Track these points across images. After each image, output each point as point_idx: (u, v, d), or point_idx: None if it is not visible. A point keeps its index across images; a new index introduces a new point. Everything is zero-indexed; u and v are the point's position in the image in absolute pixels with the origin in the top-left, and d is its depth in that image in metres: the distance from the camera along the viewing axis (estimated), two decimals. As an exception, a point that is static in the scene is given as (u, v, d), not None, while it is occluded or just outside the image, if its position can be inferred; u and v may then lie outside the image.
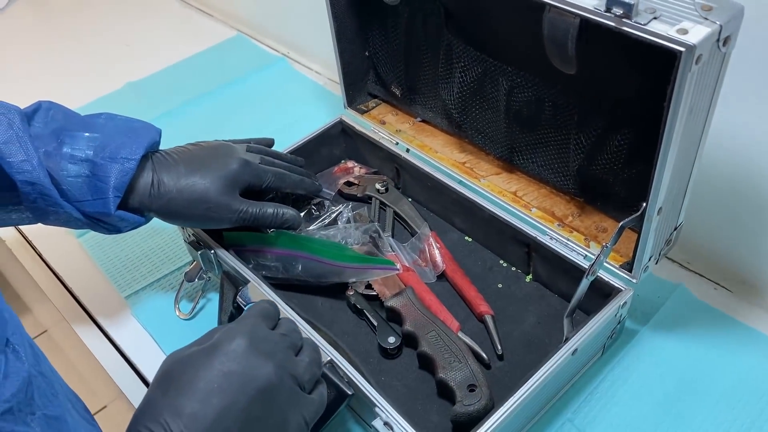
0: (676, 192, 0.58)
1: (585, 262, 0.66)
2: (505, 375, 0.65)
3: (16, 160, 0.56)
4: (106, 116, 0.65)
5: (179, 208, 0.64)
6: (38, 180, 0.57)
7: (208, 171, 0.65)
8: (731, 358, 0.67)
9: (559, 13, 0.53)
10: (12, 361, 0.40)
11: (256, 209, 0.67)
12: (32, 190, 0.58)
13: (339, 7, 0.80)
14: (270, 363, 0.50)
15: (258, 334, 0.53)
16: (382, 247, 0.73)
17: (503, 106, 0.71)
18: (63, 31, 1.34)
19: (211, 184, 0.64)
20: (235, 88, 1.11)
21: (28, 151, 0.57)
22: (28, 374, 0.41)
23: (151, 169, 0.64)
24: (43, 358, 0.45)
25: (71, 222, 0.62)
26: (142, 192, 0.63)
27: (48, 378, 0.45)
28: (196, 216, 0.65)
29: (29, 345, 0.43)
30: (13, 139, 0.57)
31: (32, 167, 0.57)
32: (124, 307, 0.78)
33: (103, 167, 0.60)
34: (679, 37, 0.46)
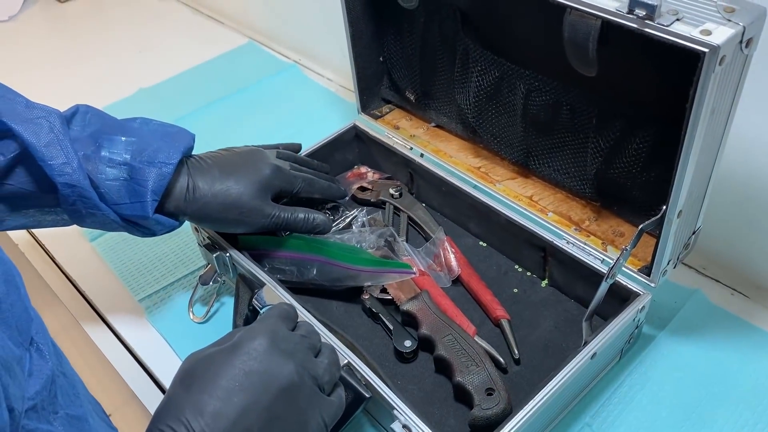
0: (696, 195, 0.58)
1: (602, 266, 0.66)
2: (523, 379, 0.65)
3: (57, 163, 0.57)
4: (141, 120, 0.66)
5: (213, 212, 0.65)
6: (78, 183, 0.58)
7: (242, 176, 0.66)
8: (749, 363, 0.66)
9: (580, 15, 0.53)
10: (36, 359, 0.40)
11: (287, 214, 0.68)
12: (72, 193, 0.58)
13: (354, 11, 0.80)
14: (291, 363, 0.50)
15: (279, 334, 0.52)
16: (397, 251, 0.73)
17: (520, 110, 0.71)
18: (75, 37, 1.35)
19: (244, 189, 0.65)
20: (247, 95, 1.12)
21: (68, 154, 0.58)
22: (52, 373, 0.41)
23: (186, 174, 0.64)
24: (64, 359, 0.46)
25: (107, 224, 0.63)
26: (178, 196, 0.64)
27: (70, 378, 0.45)
28: (229, 220, 0.66)
29: (52, 345, 0.43)
30: (54, 142, 0.57)
31: (73, 170, 0.58)
32: (138, 310, 0.78)
33: (141, 171, 0.61)
34: (703, 38, 0.46)
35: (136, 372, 0.74)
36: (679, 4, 0.50)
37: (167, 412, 0.47)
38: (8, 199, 0.60)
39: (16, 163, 0.58)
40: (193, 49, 1.25)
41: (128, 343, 0.76)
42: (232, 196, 0.65)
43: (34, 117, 0.58)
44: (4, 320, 0.36)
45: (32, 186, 0.59)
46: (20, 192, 0.59)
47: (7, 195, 0.59)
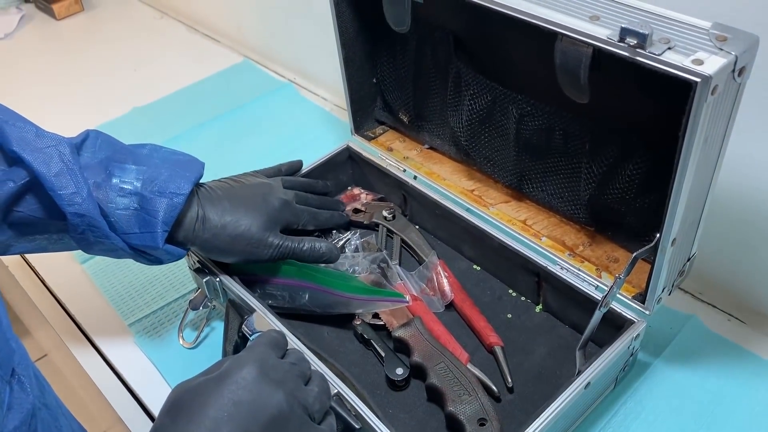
0: (690, 222, 0.57)
1: (596, 292, 0.65)
2: (516, 408, 0.64)
3: (66, 192, 0.57)
4: (151, 147, 0.66)
5: (222, 244, 0.65)
6: (88, 212, 0.58)
7: (251, 209, 0.67)
8: (746, 391, 0.65)
9: (571, 43, 0.53)
10: (17, 392, 0.39)
11: (294, 244, 0.68)
12: (81, 222, 0.58)
13: (347, 34, 0.80)
14: (281, 391, 0.49)
15: (268, 362, 0.52)
16: (390, 277, 0.72)
17: (513, 134, 0.71)
18: (71, 55, 1.35)
19: (253, 221, 0.66)
20: (242, 114, 1.11)
21: (78, 183, 0.57)
22: (33, 406, 0.40)
23: (197, 204, 0.64)
24: (48, 390, 0.45)
25: (115, 252, 0.62)
26: (188, 227, 0.64)
27: (52, 410, 0.44)
28: (237, 251, 0.66)
29: (34, 376, 0.43)
30: (64, 171, 0.57)
31: (82, 199, 0.57)
32: (126, 334, 0.77)
33: (152, 201, 0.61)
34: (695, 67, 0.46)
35: (124, 397, 0.73)
36: (670, 32, 0.49)
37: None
38: (17, 226, 0.60)
39: (26, 191, 0.58)
40: (189, 67, 1.25)
41: (116, 367, 0.75)
42: (241, 227, 0.65)
43: (44, 146, 0.57)
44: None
45: (41, 213, 0.59)
46: (29, 219, 0.59)
47: (16, 222, 0.59)
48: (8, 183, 0.56)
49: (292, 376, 0.53)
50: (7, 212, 0.58)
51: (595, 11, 0.53)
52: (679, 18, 0.50)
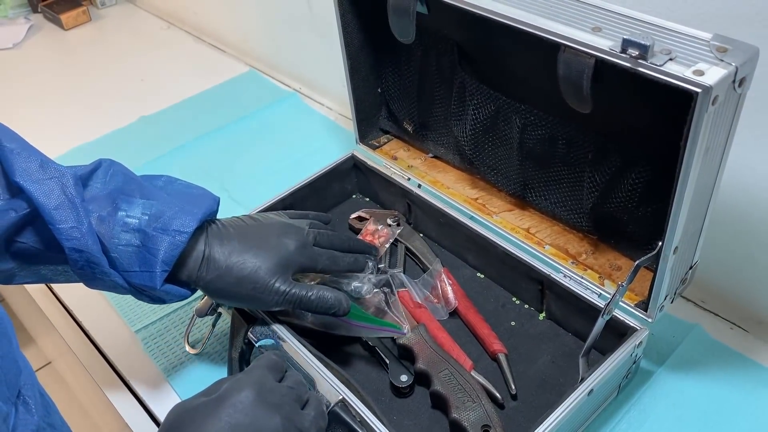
0: (692, 231, 0.58)
1: (599, 300, 0.66)
2: (520, 415, 0.64)
3: (65, 227, 0.55)
4: (166, 179, 0.65)
5: (226, 286, 0.62)
6: (87, 248, 0.56)
7: (262, 250, 0.62)
8: (749, 399, 0.66)
9: (574, 54, 0.53)
10: (22, 413, 0.39)
11: (302, 292, 0.63)
12: (80, 257, 0.56)
13: (353, 45, 0.81)
14: (277, 416, 0.50)
15: (265, 386, 0.52)
16: (392, 304, 0.72)
17: (516, 144, 0.71)
18: (79, 65, 1.36)
19: (261, 264, 0.62)
20: (248, 123, 1.12)
21: (78, 217, 0.56)
22: (37, 427, 0.40)
23: (203, 242, 0.62)
24: (53, 409, 0.45)
25: (116, 289, 0.60)
26: (192, 267, 0.61)
27: (57, 430, 0.44)
28: (241, 295, 0.62)
29: (40, 395, 0.43)
30: (65, 204, 0.55)
31: (81, 234, 0.55)
32: (134, 341, 0.77)
33: (154, 239, 0.58)
34: (696, 78, 0.47)
35: (131, 403, 0.73)
36: (672, 43, 0.50)
37: None
38: (20, 256, 0.59)
39: (27, 222, 0.57)
40: (195, 77, 1.26)
41: (123, 374, 0.75)
42: (247, 269, 0.61)
43: (47, 177, 0.56)
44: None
45: (42, 245, 0.58)
46: (31, 250, 0.58)
47: (19, 252, 0.58)
48: (10, 213, 0.55)
49: (289, 399, 0.53)
50: (9, 242, 0.57)
51: (598, 23, 0.53)
52: (680, 29, 0.51)
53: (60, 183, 0.56)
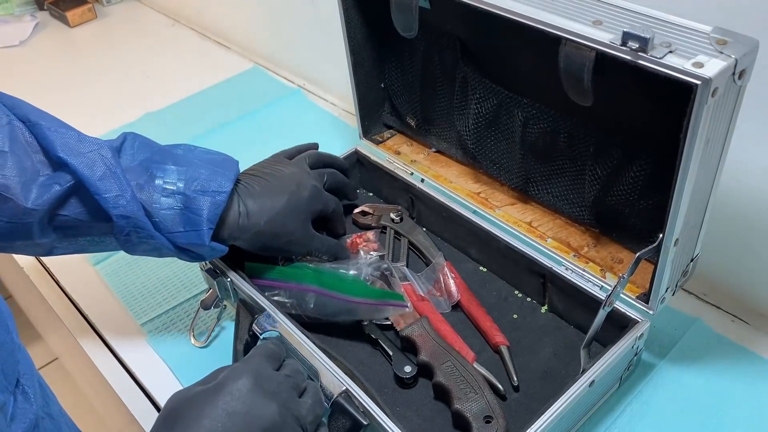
0: (693, 223, 0.58)
1: (601, 293, 0.66)
2: (521, 406, 0.65)
3: (111, 195, 0.58)
4: (185, 147, 0.67)
5: (266, 240, 0.68)
6: (133, 213, 0.59)
7: (289, 204, 0.69)
8: (751, 392, 0.66)
9: (575, 47, 0.54)
10: (21, 402, 0.40)
11: (324, 242, 0.73)
12: (127, 224, 0.59)
13: (356, 40, 0.81)
14: (274, 403, 0.51)
15: (263, 374, 0.53)
16: (393, 284, 0.73)
17: (518, 138, 0.72)
18: (84, 62, 1.37)
19: (293, 216, 0.69)
20: (252, 119, 1.13)
21: (122, 186, 0.59)
22: (36, 417, 0.40)
23: (237, 201, 0.66)
24: (52, 399, 0.45)
25: (159, 251, 0.64)
26: (232, 223, 0.65)
27: (56, 420, 0.44)
28: (275, 248, 0.70)
29: (39, 385, 0.43)
30: (108, 174, 0.58)
31: (127, 201, 0.59)
32: (139, 334, 0.78)
33: (196, 200, 0.62)
34: (695, 70, 0.47)
35: (137, 396, 0.74)
36: (672, 36, 0.51)
37: None
38: (61, 229, 0.61)
39: (71, 194, 0.59)
40: (200, 73, 1.27)
41: (129, 366, 0.76)
42: (281, 224, 0.68)
43: (87, 150, 0.59)
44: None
45: (86, 216, 0.60)
46: (74, 222, 0.60)
47: (60, 225, 0.60)
48: (54, 186, 0.57)
49: (287, 387, 0.54)
50: (52, 216, 0.59)
51: (598, 16, 0.54)
52: (680, 22, 0.51)
53: (100, 155, 0.59)
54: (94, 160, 0.58)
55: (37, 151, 0.59)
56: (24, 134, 0.58)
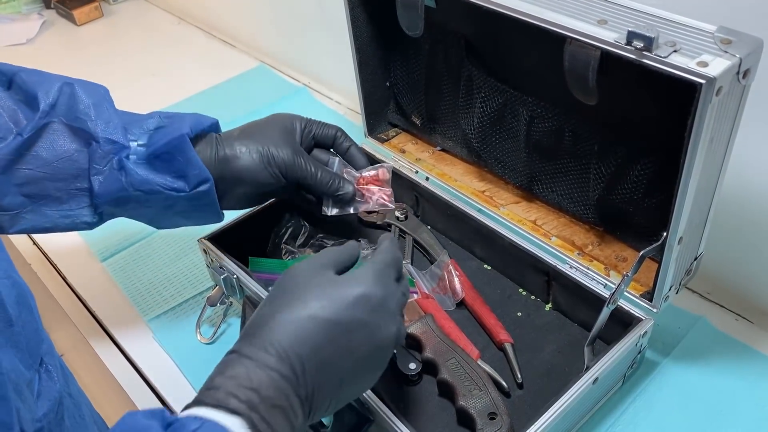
0: (697, 221, 0.59)
1: (605, 291, 0.66)
2: (525, 403, 0.65)
3: (100, 121, 0.61)
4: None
5: (249, 163, 0.66)
6: (119, 140, 0.61)
7: (272, 131, 0.69)
8: (754, 390, 0.66)
9: (580, 46, 0.54)
10: (45, 380, 0.41)
11: (317, 166, 0.69)
12: (112, 149, 0.60)
13: (361, 38, 0.82)
14: (394, 326, 0.50)
15: (389, 288, 0.51)
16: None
17: (523, 136, 0.72)
18: (90, 60, 1.38)
19: (279, 138, 0.68)
20: (258, 117, 1.13)
21: (110, 114, 0.62)
22: (60, 395, 0.41)
23: (216, 140, 0.67)
24: (71, 379, 0.46)
25: (137, 185, 0.62)
26: (208, 141, 0.66)
27: (76, 399, 0.45)
28: (262, 173, 0.66)
29: (60, 366, 0.44)
30: (95, 104, 0.63)
31: (114, 128, 0.61)
32: (146, 330, 0.79)
33: (176, 119, 0.65)
34: (700, 69, 0.47)
35: (144, 391, 0.75)
36: (676, 35, 0.51)
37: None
38: (27, 189, 0.60)
39: (35, 142, 0.59)
40: (206, 72, 1.28)
41: (136, 362, 0.77)
42: (266, 141, 0.67)
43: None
44: (16, 343, 0.37)
45: (51, 168, 0.59)
46: (40, 176, 0.60)
47: (25, 181, 0.59)
48: (17, 137, 0.58)
49: (400, 307, 0.52)
50: (15, 172, 0.58)
51: (603, 15, 0.54)
52: (684, 21, 0.52)
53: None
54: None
55: (13, 109, 0.60)
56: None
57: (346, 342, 0.46)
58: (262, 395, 0.42)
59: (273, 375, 0.43)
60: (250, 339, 0.45)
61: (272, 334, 0.45)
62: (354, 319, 0.47)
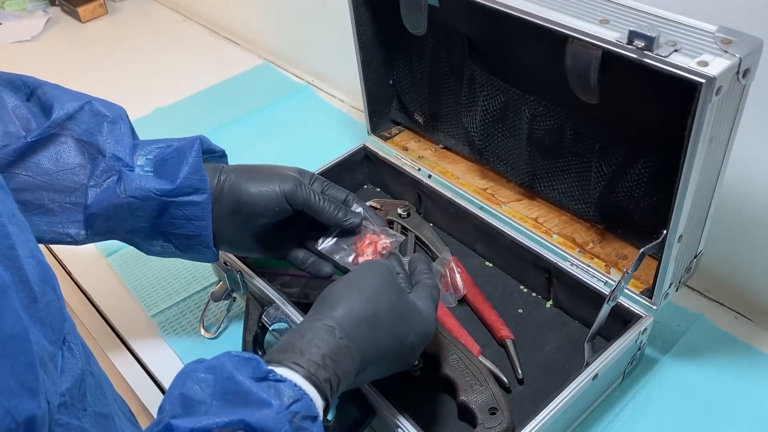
0: (697, 220, 0.59)
1: (605, 288, 0.67)
2: (526, 399, 0.66)
3: (111, 138, 0.62)
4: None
5: (250, 176, 0.64)
6: (125, 157, 0.61)
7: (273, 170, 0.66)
8: (753, 387, 0.67)
9: (581, 45, 0.55)
10: (68, 357, 0.41)
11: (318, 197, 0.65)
12: (116, 164, 0.61)
13: (365, 37, 0.82)
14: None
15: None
16: None
17: (525, 134, 0.73)
18: (95, 57, 1.38)
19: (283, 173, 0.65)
20: (261, 115, 1.14)
21: (123, 133, 0.63)
22: (82, 372, 0.42)
23: (220, 168, 0.66)
24: (93, 359, 0.47)
25: (141, 194, 0.61)
26: (211, 175, 0.63)
27: (97, 378, 0.46)
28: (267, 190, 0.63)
29: (82, 345, 0.45)
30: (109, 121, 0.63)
31: (123, 147, 0.62)
32: (150, 325, 0.80)
33: (184, 146, 0.63)
34: (700, 69, 0.48)
35: (148, 385, 0.75)
36: (677, 35, 0.51)
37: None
38: (19, 194, 0.59)
39: (34, 150, 0.59)
40: (210, 69, 1.28)
41: (140, 357, 0.77)
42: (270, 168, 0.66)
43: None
44: (40, 318, 0.38)
45: (48, 178, 0.59)
46: (33, 184, 0.59)
47: (19, 187, 0.59)
48: (20, 141, 0.58)
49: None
50: (11, 176, 0.58)
51: (605, 15, 0.55)
52: (685, 21, 0.52)
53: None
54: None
55: (27, 119, 0.60)
56: (13, 102, 0.60)
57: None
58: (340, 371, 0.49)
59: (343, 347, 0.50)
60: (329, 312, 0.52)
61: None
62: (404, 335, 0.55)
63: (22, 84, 0.63)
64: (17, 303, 0.34)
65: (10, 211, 0.39)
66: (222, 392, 0.44)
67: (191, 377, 0.45)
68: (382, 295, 0.54)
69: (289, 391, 0.45)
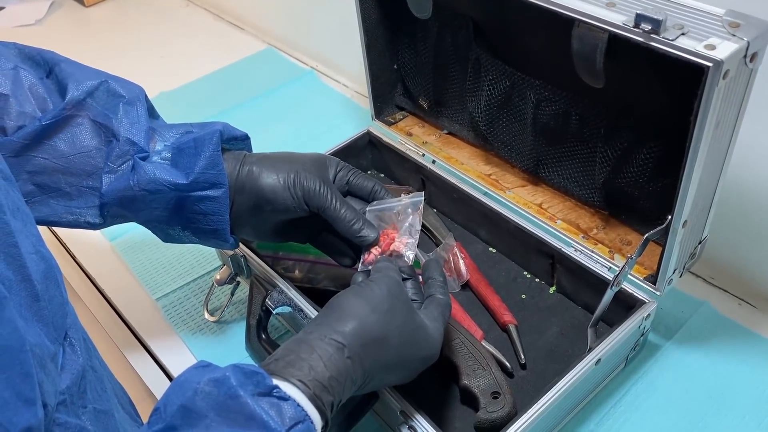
0: (702, 205, 0.59)
1: (609, 274, 0.67)
2: (528, 384, 0.66)
3: (126, 120, 0.60)
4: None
5: (273, 164, 0.62)
6: (140, 142, 0.59)
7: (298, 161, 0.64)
8: (756, 374, 0.67)
9: (588, 29, 0.54)
10: (69, 354, 0.41)
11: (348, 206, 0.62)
12: (131, 149, 0.59)
13: (370, 21, 0.82)
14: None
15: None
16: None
17: (530, 119, 0.72)
18: (100, 41, 1.38)
19: (304, 160, 0.63)
20: (265, 100, 1.14)
21: (139, 116, 0.61)
22: (82, 368, 0.42)
23: (242, 156, 0.64)
24: (94, 353, 0.47)
25: (159, 183, 0.59)
26: (231, 165, 0.61)
27: (98, 373, 0.46)
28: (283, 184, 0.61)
29: (84, 339, 0.45)
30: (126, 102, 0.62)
31: (138, 130, 0.60)
32: (154, 309, 0.80)
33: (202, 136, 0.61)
34: (707, 52, 0.47)
35: (152, 369, 0.76)
36: (684, 18, 0.51)
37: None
38: (37, 177, 0.59)
39: (54, 131, 0.58)
40: (214, 54, 1.28)
41: (144, 340, 0.78)
42: (290, 157, 0.64)
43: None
44: (42, 317, 0.38)
45: (65, 161, 0.58)
46: (52, 167, 0.58)
47: (37, 170, 0.58)
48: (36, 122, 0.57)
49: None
50: (27, 159, 0.58)
51: (612, -2, 0.54)
52: (692, 5, 0.52)
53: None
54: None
55: (43, 98, 0.59)
56: (30, 81, 0.59)
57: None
58: (343, 392, 0.49)
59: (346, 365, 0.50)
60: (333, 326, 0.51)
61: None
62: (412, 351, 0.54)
63: (42, 60, 0.62)
64: (14, 313, 0.34)
65: (14, 205, 0.39)
66: (225, 410, 0.43)
67: (194, 388, 0.44)
68: (395, 314, 0.53)
69: (292, 410, 0.44)
